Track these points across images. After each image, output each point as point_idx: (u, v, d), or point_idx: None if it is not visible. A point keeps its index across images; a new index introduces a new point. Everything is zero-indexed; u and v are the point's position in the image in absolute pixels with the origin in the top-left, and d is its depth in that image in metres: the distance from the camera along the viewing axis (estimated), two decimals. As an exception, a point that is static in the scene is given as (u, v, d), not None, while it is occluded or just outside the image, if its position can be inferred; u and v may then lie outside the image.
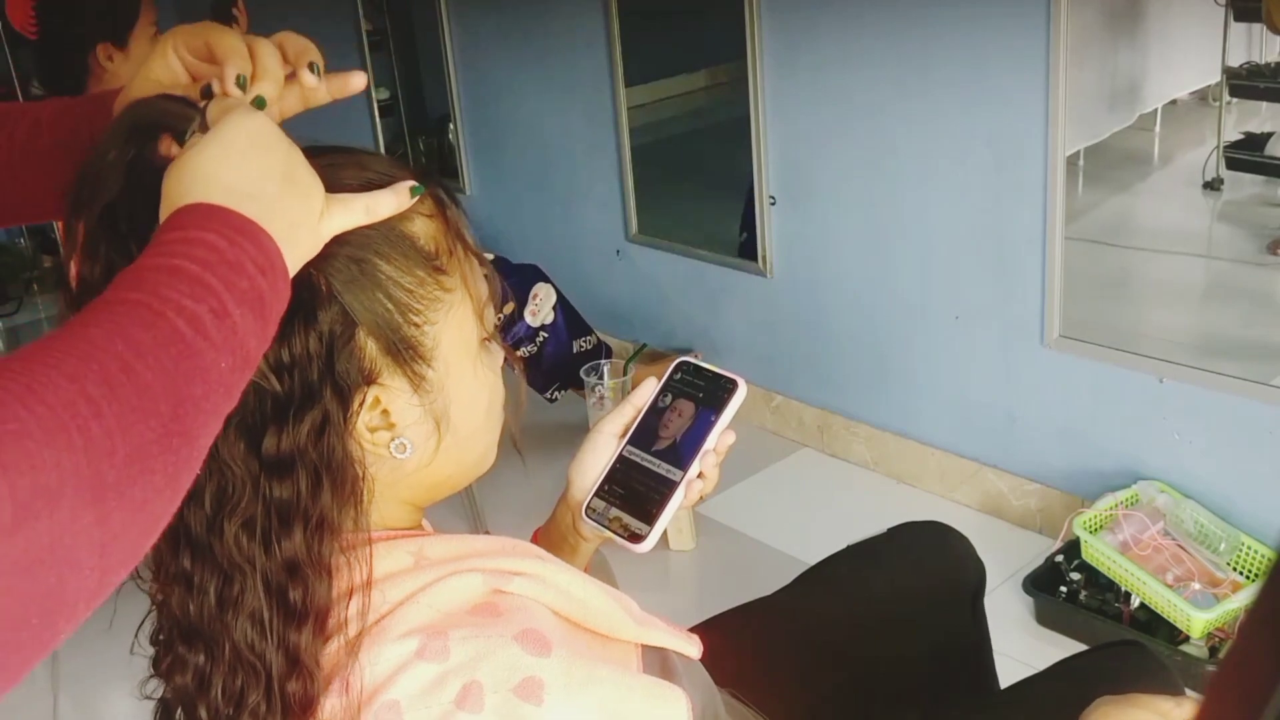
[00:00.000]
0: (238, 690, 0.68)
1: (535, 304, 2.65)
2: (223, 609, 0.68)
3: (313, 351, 0.68)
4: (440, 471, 0.77)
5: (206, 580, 0.69)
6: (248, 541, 0.68)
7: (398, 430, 0.73)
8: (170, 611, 0.71)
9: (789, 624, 1.20)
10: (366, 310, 0.70)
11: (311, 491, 0.68)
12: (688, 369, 0.93)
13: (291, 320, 0.66)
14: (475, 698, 0.66)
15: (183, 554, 0.69)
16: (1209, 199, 2.28)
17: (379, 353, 0.71)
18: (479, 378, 0.77)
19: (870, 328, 2.47)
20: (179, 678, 0.72)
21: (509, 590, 0.73)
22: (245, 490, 0.68)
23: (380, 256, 0.70)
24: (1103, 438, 2.13)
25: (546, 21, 3.01)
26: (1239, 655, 0.40)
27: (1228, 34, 2.05)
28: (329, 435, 0.69)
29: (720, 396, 0.90)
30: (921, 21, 2.16)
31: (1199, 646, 1.82)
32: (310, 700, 0.69)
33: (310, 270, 0.67)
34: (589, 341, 2.75)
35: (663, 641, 0.84)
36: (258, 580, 0.68)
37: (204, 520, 0.68)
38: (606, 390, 2.26)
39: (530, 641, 0.69)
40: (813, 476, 2.58)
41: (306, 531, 0.68)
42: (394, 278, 0.71)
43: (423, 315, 0.72)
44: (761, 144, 2.52)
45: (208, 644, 0.69)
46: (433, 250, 0.73)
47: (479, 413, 0.78)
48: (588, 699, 0.69)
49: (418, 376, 0.73)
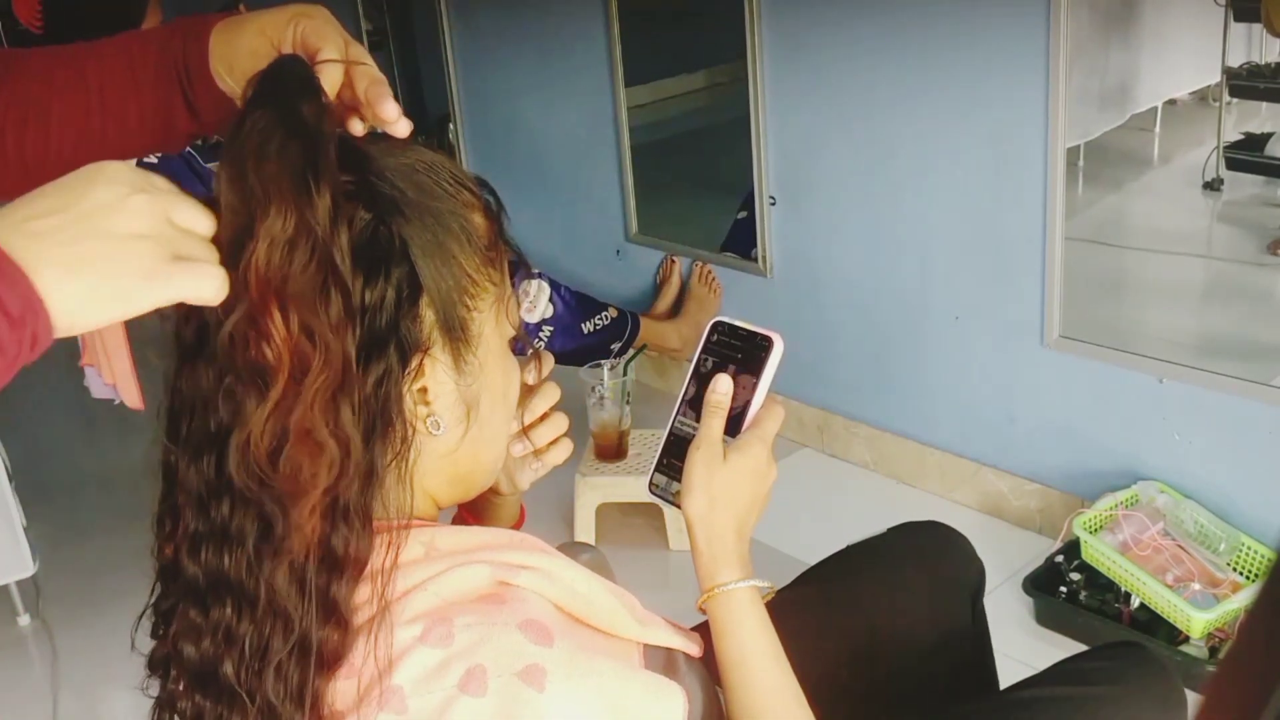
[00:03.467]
0: (264, 643, 0.69)
1: (528, 301, 2.62)
2: (260, 557, 0.69)
3: (387, 301, 0.70)
4: (461, 464, 0.80)
5: (246, 529, 0.69)
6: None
7: (433, 409, 0.75)
8: (188, 572, 0.71)
9: (789, 624, 1.20)
10: (433, 279, 0.73)
11: (366, 437, 0.69)
12: (723, 329, 0.93)
13: (366, 267, 0.69)
14: (479, 681, 0.67)
15: (220, 504, 0.69)
16: (1209, 199, 2.28)
17: (435, 325, 0.74)
18: (507, 374, 0.82)
19: (870, 328, 2.47)
20: (190, 645, 0.71)
21: (515, 583, 0.74)
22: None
23: (451, 235, 0.74)
24: (1103, 438, 2.13)
25: (547, 21, 3.01)
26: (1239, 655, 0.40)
27: (1228, 34, 2.06)
28: (388, 385, 0.70)
29: (758, 356, 0.91)
30: (921, 21, 2.16)
31: (1199, 646, 1.82)
32: (340, 653, 0.70)
33: (388, 226, 0.70)
34: (606, 316, 2.71)
35: (664, 640, 0.84)
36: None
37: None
38: (606, 390, 2.26)
39: (533, 631, 0.70)
40: (813, 476, 2.58)
41: (359, 477, 0.69)
42: (458, 257, 0.75)
43: (474, 301, 0.76)
44: (761, 144, 2.52)
45: (237, 596, 0.69)
46: (487, 244, 0.77)
47: (504, 408, 0.82)
48: (588, 689, 0.70)
49: (461, 357, 0.76)
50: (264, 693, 0.69)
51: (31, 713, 2.05)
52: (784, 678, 0.88)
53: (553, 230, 3.22)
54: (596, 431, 2.31)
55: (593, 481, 2.29)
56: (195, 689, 0.72)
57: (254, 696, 0.69)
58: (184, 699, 0.74)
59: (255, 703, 0.69)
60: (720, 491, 0.88)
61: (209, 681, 0.71)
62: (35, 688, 2.11)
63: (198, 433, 0.70)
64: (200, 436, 0.70)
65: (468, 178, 0.78)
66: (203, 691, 0.72)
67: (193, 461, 0.71)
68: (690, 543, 0.91)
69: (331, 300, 0.66)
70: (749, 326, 0.92)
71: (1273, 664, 0.38)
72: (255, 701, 0.69)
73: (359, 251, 0.69)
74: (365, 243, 0.70)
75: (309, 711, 0.69)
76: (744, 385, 0.91)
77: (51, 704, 2.05)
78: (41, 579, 2.29)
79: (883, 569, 1.23)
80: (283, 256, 0.64)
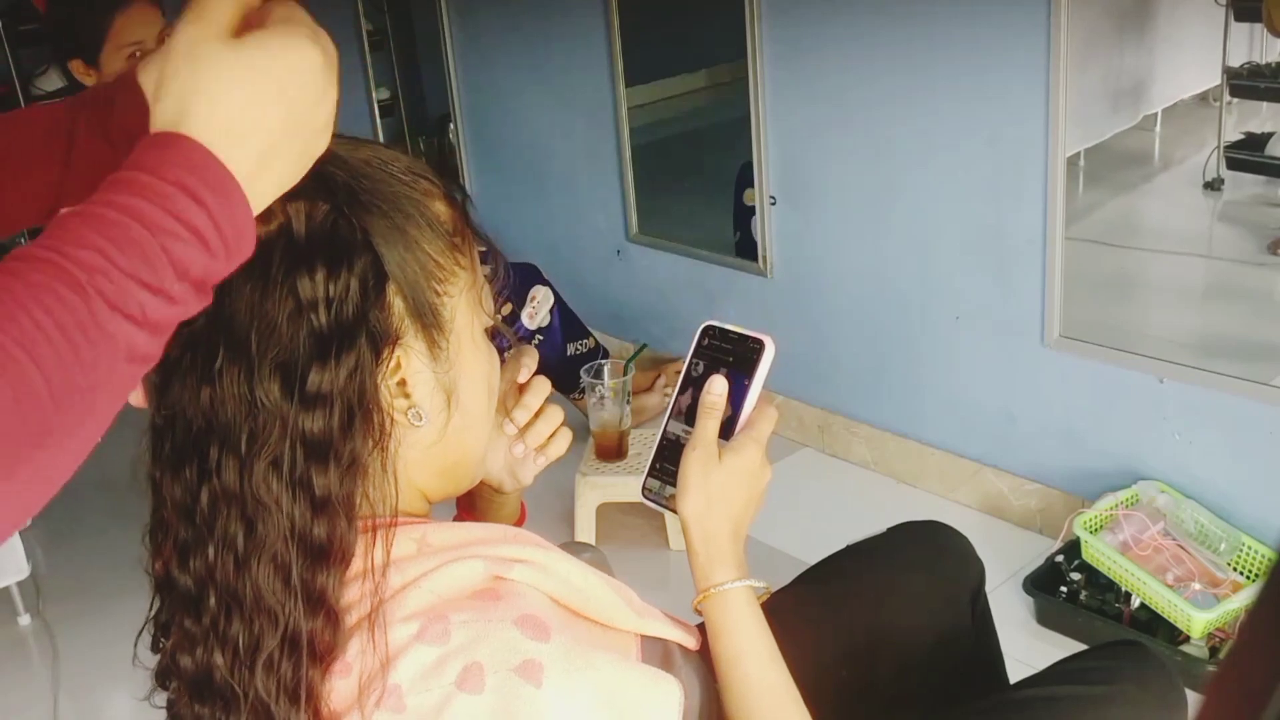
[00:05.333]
0: (254, 641, 0.69)
1: (533, 306, 2.63)
2: (245, 556, 0.69)
3: (352, 292, 0.70)
4: (449, 455, 0.80)
5: (230, 530, 0.69)
6: (276, 481, 0.69)
7: (413, 400, 0.75)
8: (180, 582, 0.72)
9: (788, 623, 1.20)
10: (397, 265, 0.73)
11: (343, 429, 0.70)
12: (714, 332, 0.93)
13: (328, 260, 0.69)
14: (476, 678, 0.67)
15: (202, 508, 0.70)
16: (1209, 199, 2.28)
17: (405, 312, 0.74)
18: (486, 361, 0.81)
19: (870, 328, 2.47)
20: (186, 656, 0.72)
21: (510, 577, 0.74)
22: (275, 428, 0.69)
23: (410, 221, 0.74)
24: (1103, 438, 2.13)
25: (547, 21, 3.01)
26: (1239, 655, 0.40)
27: (1228, 34, 2.06)
28: (361, 376, 0.71)
29: (750, 359, 0.90)
30: (922, 21, 2.16)
31: (1199, 646, 1.82)
32: (332, 646, 0.70)
33: (347, 217, 0.70)
34: (585, 344, 2.73)
35: (661, 632, 0.85)
36: (282, 520, 0.69)
37: (235, 465, 0.69)
38: (607, 390, 2.26)
39: (530, 626, 0.70)
40: (813, 476, 2.58)
41: (339, 468, 0.70)
42: (421, 243, 0.74)
43: (444, 286, 0.76)
44: (762, 144, 2.52)
45: (226, 597, 0.70)
46: (451, 230, 0.77)
47: (483, 394, 0.82)
48: (585, 683, 0.70)
49: (436, 344, 0.76)
50: (256, 689, 0.69)
51: (31, 713, 2.05)
52: (780, 677, 0.88)
53: (553, 230, 3.22)
54: (597, 431, 2.31)
55: (593, 481, 2.29)
56: (193, 698, 0.72)
57: (247, 695, 0.69)
58: (185, 710, 0.74)
59: (249, 700, 0.69)
60: (716, 492, 0.88)
61: (205, 688, 0.71)
62: (35, 688, 2.11)
63: (179, 443, 0.71)
64: (181, 446, 0.71)
65: (425, 168, 0.78)
66: (200, 700, 0.72)
67: (176, 472, 0.71)
68: (686, 544, 0.91)
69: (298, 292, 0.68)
70: (740, 330, 0.91)
71: (1273, 664, 0.38)
72: (249, 699, 0.69)
73: (320, 242, 0.69)
74: (326, 234, 0.70)
75: (305, 710, 0.69)
76: (736, 388, 0.90)
77: (52, 704, 2.05)
78: (41, 579, 2.29)
79: (882, 569, 1.23)
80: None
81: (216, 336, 0.68)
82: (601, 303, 3.08)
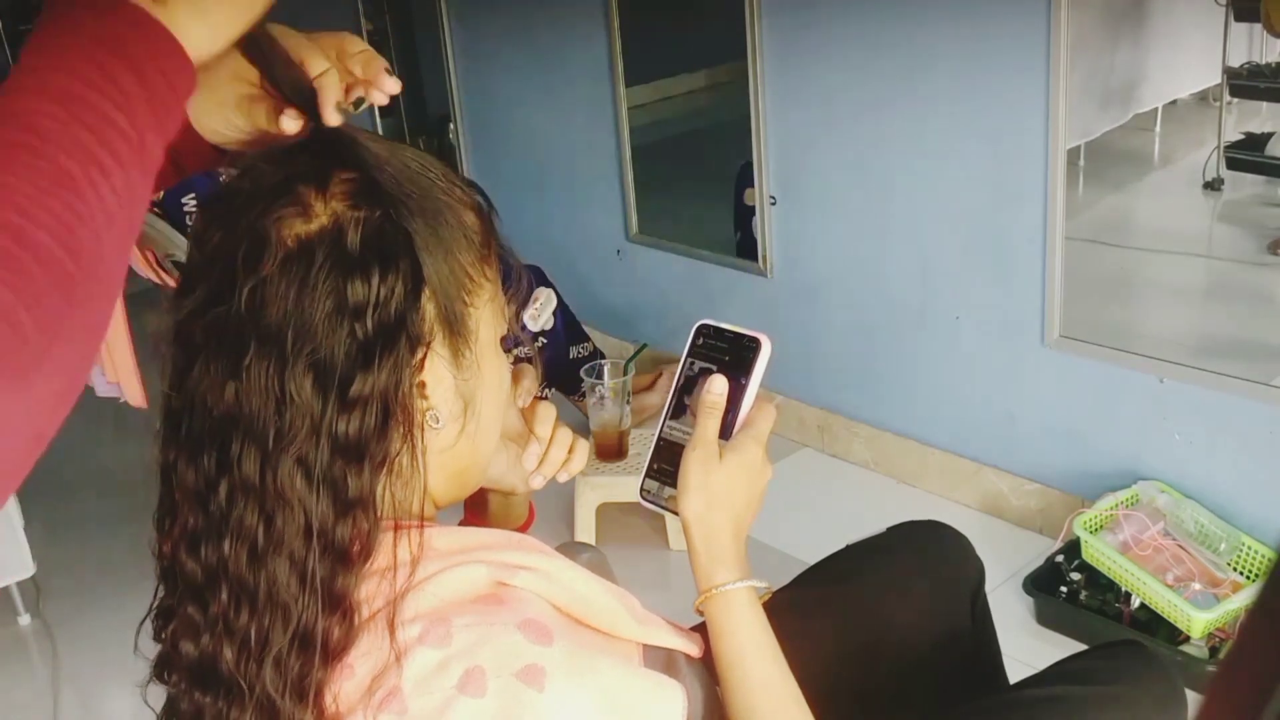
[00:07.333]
0: (264, 635, 0.69)
1: (536, 308, 2.64)
2: (264, 550, 0.69)
3: (396, 294, 0.71)
4: (459, 460, 0.80)
5: (247, 522, 0.69)
6: (301, 478, 0.69)
7: (431, 402, 0.75)
8: (187, 569, 0.71)
9: (788, 623, 1.20)
10: (435, 273, 0.74)
11: (379, 429, 0.70)
12: (709, 331, 0.92)
13: (375, 260, 0.70)
14: (478, 682, 0.67)
15: (219, 498, 0.70)
16: (1209, 199, 2.28)
17: (435, 318, 0.74)
18: (500, 370, 0.82)
19: (870, 327, 2.47)
20: (189, 643, 0.71)
21: (513, 584, 0.74)
22: (304, 425, 0.69)
23: (449, 230, 0.75)
24: (1103, 438, 2.13)
25: (547, 21, 3.01)
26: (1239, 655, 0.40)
27: (1228, 34, 2.06)
28: (397, 376, 0.71)
29: (747, 357, 0.89)
30: (922, 21, 2.16)
31: (1199, 646, 1.82)
32: (344, 646, 0.70)
33: (395, 223, 0.71)
34: (585, 348, 2.75)
35: (664, 641, 0.84)
36: (304, 517, 0.69)
37: (257, 459, 0.69)
38: (607, 390, 2.26)
39: (532, 631, 0.70)
40: (813, 476, 2.58)
41: (372, 467, 0.70)
42: (456, 253, 0.75)
43: (471, 296, 0.77)
44: (761, 144, 2.52)
45: (237, 589, 0.69)
46: (480, 241, 0.78)
47: (499, 404, 0.82)
48: (588, 688, 0.70)
49: (460, 353, 0.76)
50: (263, 684, 0.69)
51: (32, 712, 2.05)
52: (782, 677, 0.88)
53: (553, 230, 3.22)
54: (597, 431, 2.31)
55: (593, 481, 2.29)
56: (194, 686, 0.72)
57: (253, 688, 0.69)
58: (184, 699, 0.74)
59: (254, 694, 0.69)
60: (717, 492, 0.88)
61: (208, 677, 0.71)
62: (35, 687, 2.11)
63: (197, 430, 0.70)
64: (199, 433, 0.70)
65: (458, 177, 0.79)
66: (201, 688, 0.71)
67: (193, 459, 0.71)
68: (687, 544, 0.91)
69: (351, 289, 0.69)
70: (735, 329, 0.91)
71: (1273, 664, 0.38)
72: (254, 693, 0.69)
73: (370, 245, 0.70)
74: (374, 236, 0.71)
75: (310, 708, 0.69)
76: (733, 387, 0.89)
77: (52, 704, 2.05)
78: (41, 579, 2.29)
79: (882, 568, 1.23)
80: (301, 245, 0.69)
81: (247, 328, 0.68)
82: (601, 303, 3.08)
